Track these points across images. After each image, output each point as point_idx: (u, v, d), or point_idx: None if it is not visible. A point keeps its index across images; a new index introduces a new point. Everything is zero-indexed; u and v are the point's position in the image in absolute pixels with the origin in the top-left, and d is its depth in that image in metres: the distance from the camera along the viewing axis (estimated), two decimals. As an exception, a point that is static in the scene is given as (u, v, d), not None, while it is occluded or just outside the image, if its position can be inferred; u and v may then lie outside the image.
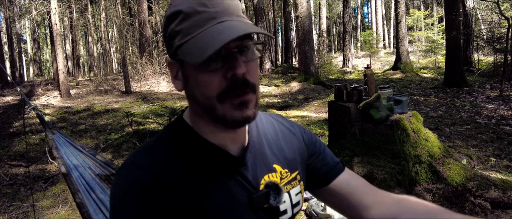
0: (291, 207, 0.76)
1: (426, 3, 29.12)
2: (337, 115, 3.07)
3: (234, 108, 0.62)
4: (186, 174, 0.63)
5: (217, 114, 0.62)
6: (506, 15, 8.69)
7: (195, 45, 0.58)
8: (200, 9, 0.60)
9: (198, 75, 0.61)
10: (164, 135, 0.69)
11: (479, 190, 2.62)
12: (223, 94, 0.61)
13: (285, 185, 0.75)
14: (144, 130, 5.78)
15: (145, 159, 0.64)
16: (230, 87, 0.60)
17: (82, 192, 1.62)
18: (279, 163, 0.76)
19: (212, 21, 0.60)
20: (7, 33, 18.74)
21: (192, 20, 0.60)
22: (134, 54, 14.38)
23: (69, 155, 1.81)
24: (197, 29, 0.59)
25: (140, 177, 0.61)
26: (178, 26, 0.61)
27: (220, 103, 0.61)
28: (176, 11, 0.61)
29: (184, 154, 0.65)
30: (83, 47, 28.54)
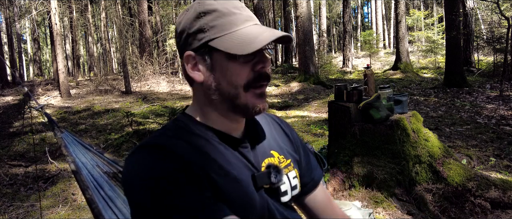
0: (291, 189, 0.82)
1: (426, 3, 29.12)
2: (337, 115, 3.07)
3: (256, 97, 0.72)
4: (195, 153, 0.69)
5: (239, 101, 0.71)
6: (506, 15, 8.69)
7: (238, 39, 0.68)
8: (235, 11, 0.72)
9: (229, 65, 0.70)
10: (169, 126, 0.75)
11: (479, 190, 2.62)
12: (249, 84, 0.71)
13: (283, 168, 0.82)
14: (144, 130, 5.78)
15: (161, 140, 0.69)
16: (256, 78, 0.71)
17: (91, 189, 1.63)
18: (275, 149, 0.84)
19: (247, 22, 0.72)
20: (7, 33, 18.74)
21: (228, 18, 0.70)
22: (134, 54, 14.39)
23: (78, 153, 1.82)
24: (234, 27, 0.70)
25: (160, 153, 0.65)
26: (213, 22, 0.70)
27: (244, 92, 0.71)
28: (211, 9, 0.71)
29: (191, 138, 0.71)
30: (83, 47, 28.54)
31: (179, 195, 0.61)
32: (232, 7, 0.71)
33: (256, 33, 0.69)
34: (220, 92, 0.72)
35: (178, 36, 0.75)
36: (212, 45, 0.69)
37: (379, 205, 2.61)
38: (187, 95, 10.68)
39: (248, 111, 0.72)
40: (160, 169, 0.63)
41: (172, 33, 12.50)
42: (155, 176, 0.62)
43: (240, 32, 0.69)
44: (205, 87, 0.73)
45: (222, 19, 0.70)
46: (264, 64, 0.71)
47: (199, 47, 0.71)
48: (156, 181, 0.62)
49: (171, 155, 0.65)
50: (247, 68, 0.70)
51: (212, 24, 0.70)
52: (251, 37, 0.68)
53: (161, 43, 16.00)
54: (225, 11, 0.71)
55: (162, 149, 0.66)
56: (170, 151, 0.66)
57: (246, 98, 0.71)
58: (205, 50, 0.71)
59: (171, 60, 15.08)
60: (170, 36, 12.65)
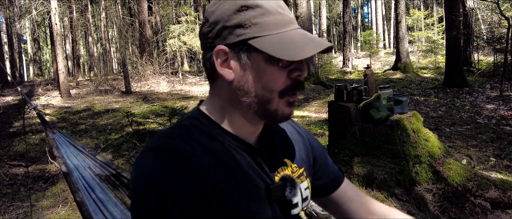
0: (301, 201, 0.78)
1: (426, 3, 29.12)
2: (337, 115, 3.07)
3: (287, 105, 0.69)
4: (211, 159, 0.64)
5: (270, 107, 0.67)
6: (506, 15, 8.69)
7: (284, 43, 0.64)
8: (280, 10, 0.67)
9: (268, 68, 0.65)
10: (185, 124, 0.70)
11: (479, 190, 2.62)
12: (285, 91, 0.67)
13: (296, 179, 0.78)
14: (144, 130, 5.78)
15: (173, 143, 0.63)
16: (292, 85, 0.68)
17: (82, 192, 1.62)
18: (289, 158, 0.80)
19: (291, 25, 0.67)
20: (7, 33, 18.74)
21: (273, 18, 0.65)
22: (134, 54, 14.38)
23: (69, 155, 1.81)
24: (279, 28, 0.65)
25: (172, 158, 0.60)
26: (257, 18, 0.64)
27: (278, 99, 0.67)
28: (255, 4, 0.65)
29: (208, 143, 0.66)
30: (83, 47, 28.54)
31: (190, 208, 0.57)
32: (277, 6, 0.67)
33: (302, 40, 0.65)
34: (252, 95, 0.66)
35: (209, 25, 0.68)
36: (252, 43, 0.64)
37: None
38: (187, 95, 10.69)
39: (276, 117, 0.68)
40: (174, 178, 0.58)
41: (172, 33, 12.50)
42: (167, 184, 0.57)
43: (284, 35, 0.65)
44: (234, 87, 0.67)
45: (266, 17, 0.65)
46: (302, 72, 0.68)
47: (235, 44, 0.65)
48: (167, 189, 0.57)
49: (187, 162, 0.60)
50: (284, 74, 0.66)
51: (254, 21, 0.64)
52: (298, 44, 0.64)
53: (161, 43, 16.00)
54: (270, 9, 0.65)
55: (177, 155, 0.61)
56: (186, 158, 0.61)
57: (278, 104, 0.67)
58: (243, 48, 0.65)
59: (171, 60, 15.08)
60: (170, 36, 12.65)
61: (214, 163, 0.64)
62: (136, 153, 4.91)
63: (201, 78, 13.79)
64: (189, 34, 12.41)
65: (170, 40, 12.56)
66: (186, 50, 13.04)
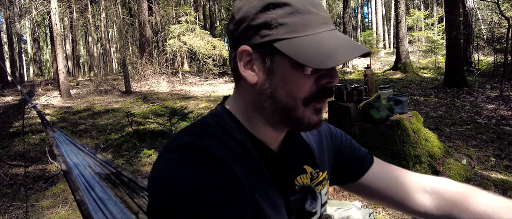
0: (320, 207, 0.75)
1: (426, 3, 29.12)
2: (337, 115, 3.07)
3: (314, 112, 0.63)
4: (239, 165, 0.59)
5: (295, 114, 0.62)
6: (506, 15, 8.69)
7: (312, 48, 0.57)
8: (311, 9, 0.59)
9: (293, 74, 0.59)
10: (209, 122, 0.65)
11: (479, 190, 2.62)
12: (311, 98, 0.61)
13: (316, 186, 0.75)
14: (144, 130, 5.78)
15: (200, 141, 0.58)
16: (319, 93, 0.61)
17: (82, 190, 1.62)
18: (309, 163, 0.75)
19: (324, 26, 0.60)
20: (7, 33, 18.75)
21: (303, 17, 0.58)
22: (134, 54, 14.39)
23: (69, 153, 1.81)
24: (308, 30, 0.58)
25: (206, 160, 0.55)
26: (283, 18, 0.58)
27: (303, 106, 0.61)
28: (284, 2, 0.59)
29: (230, 142, 0.62)
30: (83, 47, 28.55)
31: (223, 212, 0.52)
32: (309, 3, 0.59)
33: (334, 44, 0.58)
34: (275, 101, 0.61)
35: (235, 23, 0.63)
36: (277, 46, 0.58)
37: (379, 205, 2.61)
38: (187, 95, 10.69)
39: (302, 126, 0.63)
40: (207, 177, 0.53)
41: (172, 33, 12.50)
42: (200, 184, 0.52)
43: (314, 38, 0.58)
44: (257, 91, 0.62)
45: (295, 17, 0.58)
46: (332, 79, 0.61)
47: (260, 45, 0.60)
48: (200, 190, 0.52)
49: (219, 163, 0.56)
50: (311, 80, 0.60)
51: (281, 21, 0.58)
52: (328, 49, 0.57)
53: (161, 43, 16.00)
54: (300, 7, 0.58)
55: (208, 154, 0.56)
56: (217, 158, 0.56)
57: (303, 112, 0.61)
58: (267, 50, 0.59)
59: (171, 60, 15.09)
60: (170, 36, 12.65)
61: (242, 167, 0.59)
62: (136, 153, 4.91)
63: (201, 78, 13.79)
64: (189, 34, 12.41)
65: (170, 40, 12.56)
66: (186, 50, 13.04)
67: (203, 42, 12.46)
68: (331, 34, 0.59)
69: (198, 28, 13.17)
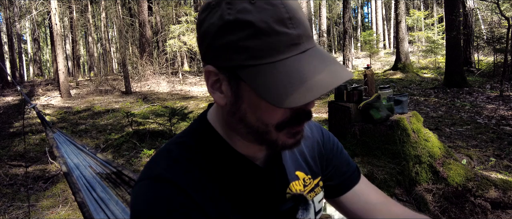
0: (315, 214, 0.73)
1: (426, 3, 29.12)
2: (337, 115, 3.07)
3: (289, 136, 0.57)
4: (215, 187, 0.59)
5: (268, 138, 0.56)
6: (506, 16, 8.69)
7: (275, 79, 0.48)
8: (278, 28, 0.49)
9: (261, 103, 0.52)
10: (189, 143, 0.63)
11: (479, 190, 2.62)
12: (284, 124, 0.55)
13: (309, 193, 0.72)
14: (144, 130, 5.78)
15: (173, 172, 0.57)
16: (294, 119, 0.55)
17: (83, 191, 1.62)
18: (301, 169, 0.73)
19: (294, 48, 0.50)
20: (7, 33, 18.74)
21: (267, 40, 0.49)
22: (134, 54, 14.39)
23: (70, 154, 1.81)
24: (274, 55, 0.49)
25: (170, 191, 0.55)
26: (244, 41, 0.49)
27: (277, 131, 0.56)
28: (245, 21, 0.49)
29: (212, 165, 0.60)
30: (83, 47, 28.54)
31: None
32: (276, 20, 0.49)
33: (305, 73, 0.48)
34: (246, 125, 0.56)
35: (199, 37, 0.56)
36: (239, 74, 0.51)
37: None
38: (187, 95, 10.69)
39: (277, 147, 0.58)
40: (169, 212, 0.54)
41: (172, 33, 12.51)
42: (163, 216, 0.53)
43: (282, 66, 0.49)
44: (227, 112, 0.58)
45: (258, 40, 0.49)
46: (306, 106, 0.55)
47: (224, 68, 0.53)
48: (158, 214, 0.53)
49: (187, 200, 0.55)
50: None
51: (243, 44, 0.49)
52: (297, 80, 0.48)
53: (161, 43, 16.00)
54: (264, 28, 0.48)
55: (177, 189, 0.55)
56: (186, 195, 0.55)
57: (277, 136, 0.56)
58: (232, 75, 0.53)
59: (171, 60, 15.09)
60: (170, 36, 12.65)
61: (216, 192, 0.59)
62: (136, 153, 4.91)
63: (201, 78, 13.79)
64: (189, 34, 12.41)
65: (170, 40, 12.56)
66: (186, 50, 13.04)
67: (203, 42, 12.44)
68: (302, 59, 0.50)
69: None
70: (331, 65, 0.50)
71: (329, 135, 0.82)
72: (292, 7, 0.50)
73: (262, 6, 0.49)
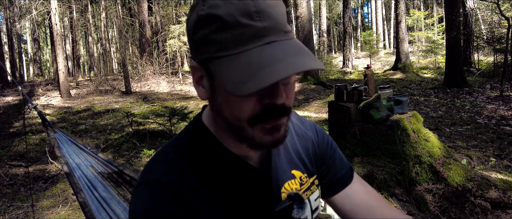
0: (311, 213, 0.73)
1: (426, 3, 29.12)
2: (337, 115, 3.07)
3: (265, 133, 0.57)
4: (208, 189, 0.60)
5: (245, 134, 0.57)
6: (506, 16, 8.69)
7: (236, 69, 0.50)
8: (243, 21, 0.50)
9: (230, 96, 0.54)
10: (184, 144, 0.64)
11: (479, 190, 2.62)
12: (256, 119, 0.55)
13: (305, 192, 0.73)
14: (144, 130, 5.78)
15: (169, 176, 0.59)
16: (264, 113, 0.55)
17: (84, 191, 1.62)
18: (297, 168, 0.73)
19: (258, 40, 0.51)
20: (7, 33, 18.74)
21: (232, 33, 0.51)
22: (134, 54, 14.39)
23: (71, 154, 1.81)
24: (238, 47, 0.51)
25: (165, 196, 0.57)
26: (214, 35, 0.52)
27: (250, 127, 0.56)
28: (213, 15, 0.51)
29: (206, 167, 0.62)
30: (83, 47, 28.54)
31: None
32: (242, 13, 0.50)
33: (264, 62, 0.49)
34: (223, 120, 0.58)
35: (187, 35, 0.60)
36: (210, 66, 0.54)
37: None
38: (187, 95, 10.69)
39: (255, 145, 0.58)
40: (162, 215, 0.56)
41: (172, 34, 12.51)
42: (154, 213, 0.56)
43: (243, 57, 0.50)
44: (210, 108, 0.61)
45: (225, 33, 0.51)
46: (274, 99, 0.54)
47: (201, 62, 0.56)
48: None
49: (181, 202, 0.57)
50: (253, 100, 0.54)
51: (212, 37, 0.52)
52: (253, 70, 0.49)
53: (161, 43, 16.00)
54: (229, 20, 0.50)
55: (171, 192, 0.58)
56: (180, 197, 0.57)
57: (253, 132, 0.57)
58: (207, 68, 0.55)
59: (171, 60, 15.09)
60: (170, 36, 12.66)
61: (210, 193, 0.60)
62: (136, 153, 4.91)
63: (201, 78, 13.77)
64: (189, 34, 12.40)
65: (170, 40, 12.56)
66: (186, 50, 13.04)
67: (203, 42, 12.44)
68: (265, 49, 0.50)
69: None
70: (293, 56, 0.50)
71: (323, 133, 0.83)
72: (262, 1, 0.52)
73: (231, 0, 0.51)
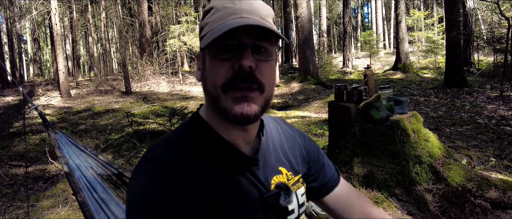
0: (298, 207, 0.78)
1: (426, 3, 29.11)
2: (337, 115, 3.07)
3: (235, 101, 0.63)
4: (204, 170, 0.66)
5: (220, 105, 0.65)
6: (506, 16, 8.69)
7: (211, 33, 0.64)
8: (227, 5, 0.66)
9: (211, 62, 0.65)
10: (183, 131, 0.72)
11: (479, 191, 2.62)
12: (228, 84, 0.63)
13: (292, 186, 0.78)
14: (144, 130, 5.78)
15: (169, 154, 0.65)
16: (235, 77, 0.63)
17: (84, 191, 1.62)
18: (284, 165, 0.80)
19: (233, 16, 0.65)
20: (8, 34, 18.74)
21: (218, 13, 0.66)
22: (134, 54, 14.38)
23: (71, 154, 1.81)
24: (219, 21, 0.65)
25: (166, 171, 0.62)
26: (207, 19, 0.68)
27: (224, 94, 0.64)
28: (210, 6, 0.69)
29: (202, 150, 0.68)
30: (83, 47, 28.54)
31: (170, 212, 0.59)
32: (228, 2, 0.67)
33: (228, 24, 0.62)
34: (207, 93, 0.68)
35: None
36: (201, 43, 0.69)
37: (379, 205, 2.61)
38: (187, 95, 10.69)
39: (227, 116, 0.64)
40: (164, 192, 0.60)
41: (172, 34, 12.50)
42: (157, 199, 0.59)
43: (219, 26, 0.64)
44: (202, 87, 0.71)
45: (213, 15, 0.67)
46: (241, 60, 0.62)
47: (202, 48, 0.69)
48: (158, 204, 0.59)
49: (179, 176, 0.62)
50: (227, 66, 0.63)
51: (206, 21, 0.69)
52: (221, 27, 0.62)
53: (161, 43, 16.00)
54: (218, 6, 0.67)
55: (169, 167, 0.63)
56: (178, 171, 0.62)
57: (225, 102, 0.64)
58: (203, 50, 0.69)
59: (171, 60, 15.08)
60: (170, 36, 12.65)
61: (205, 171, 0.65)
62: (136, 153, 4.91)
63: (201, 78, 13.76)
64: (189, 34, 12.41)
65: (170, 40, 12.56)
66: (186, 50, 13.03)
67: (203, 42, 12.44)
68: (235, 19, 0.64)
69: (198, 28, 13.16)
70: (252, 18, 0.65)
71: (310, 140, 0.93)
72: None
73: None
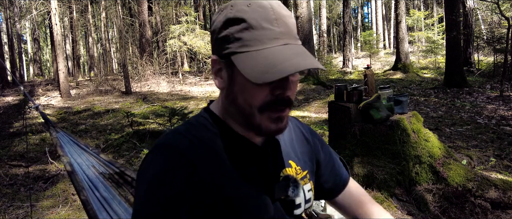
0: (304, 202, 0.80)
1: (426, 3, 29.11)
2: (337, 115, 3.07)
3: (271, 121, 0.67)
4: (213, 157, 0.68)
5: (253, 121, 0.67)
6: (506, 16, 8.68)
7: (257, 62, 0.61)
8: (265, 25, 0.63)
9: (247, 84, 0.64)
10: (193, 122, 0.74)
11: (479, 191, 2.62)
12: (265, 107, 0.66)
13: (300, 180, 0.79)
14: (144, 130, 5.78)
15: (178, 140, 0.68)
16: (274, 102, 0.66)
17: (86, 190, 1.62)
18: (293, 160, 0.82)
19: (275, 41, 0.63)
20: (8, 34, 18.74)
21: (255, 33, 0.63)
22: (134, 54, 14.38)
23: (73, 153, 1.81)
24: (259, 45, 0.63)
25: (173, 160, 0.65)
26: (239, 33, 0.64)
27: (259, 114, 0.66)
28: (239, 18, 0.64)
29: (212, 139, 0.70)
30: (83, 47, 28.53)
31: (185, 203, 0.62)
32: (264, 19, 0.63)
33: (280, 58, 0.61)
34: (236, 107, 0.69)
35: (211, 34, 0.72)
36: (232, 59, 0.64)
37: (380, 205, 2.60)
38: (187, 95, 10.69)
39: (261, 132, 0.68)
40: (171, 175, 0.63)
41: (172, 34, 12.50)
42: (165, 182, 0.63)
43: (263, 53, 0.62)
44: (225, 96, 0.71)
45: (249, 33, 0.63)
46: (283, 90, 0.65)
47: (223, 56, 0.67)
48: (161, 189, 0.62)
49: (185, 160, 0.65)
50: (266, 90, 0.65)
51: (237, 35, 0.64)
52: (271, 63, 0.60)
53: (161, 43, 16.00)
54: (253, 23, 0.63)
55: (176, 152, 0.66)
56: (184, 155, 0.65)
57: (260, 120, 0.67)
58: (228, 61, 0.66)
59: (171, 61, 15.08)
60: (170, 36, 12.65)
61: (215, 159, 0.68)
62: (136, 153, 4.91)
63: (201, 78, 13.78)
64: (189, 35, 12.41)
65: (170, 40, 12.56)
66: (186, 50, 13.04)
67: (203, 42, 12.45)
68: (282, 49, 0.63)
69: (198, 28, 13.17)
70: (301, 56, 0.63)
71: (320, 138, 0.94)
72: (279, 12, 0.65)
73: (256, 8, 0.64)
